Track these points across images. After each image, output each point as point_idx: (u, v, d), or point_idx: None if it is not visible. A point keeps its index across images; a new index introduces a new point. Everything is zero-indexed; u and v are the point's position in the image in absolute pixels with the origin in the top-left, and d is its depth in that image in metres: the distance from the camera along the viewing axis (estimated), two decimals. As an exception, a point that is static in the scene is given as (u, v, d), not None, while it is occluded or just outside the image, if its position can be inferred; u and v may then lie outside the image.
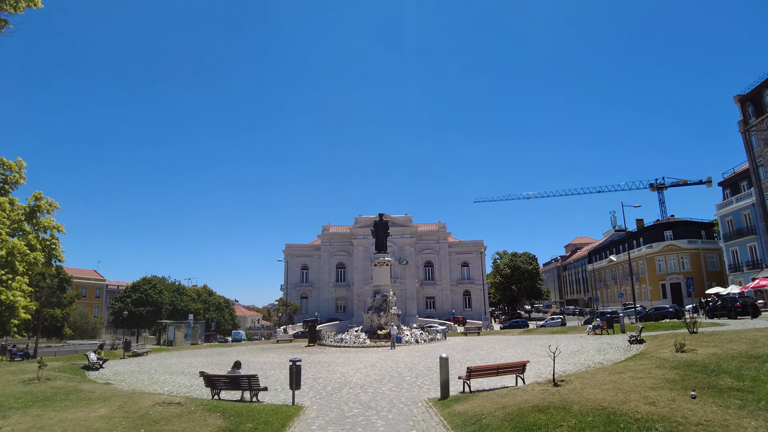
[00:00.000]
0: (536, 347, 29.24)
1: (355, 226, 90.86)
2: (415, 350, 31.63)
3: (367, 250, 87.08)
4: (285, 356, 31.73)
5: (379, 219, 43.96)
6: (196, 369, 25.51)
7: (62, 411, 12.93)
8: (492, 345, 32.84)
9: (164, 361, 30.71)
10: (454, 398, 13.64)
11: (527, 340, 35.26)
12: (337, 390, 17.00)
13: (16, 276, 9.53)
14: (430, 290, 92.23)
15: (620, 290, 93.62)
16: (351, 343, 36.66)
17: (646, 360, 16.62)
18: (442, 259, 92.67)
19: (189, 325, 63.54)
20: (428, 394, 15.44)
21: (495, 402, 12.14)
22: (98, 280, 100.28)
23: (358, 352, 32.47)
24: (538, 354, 25.35)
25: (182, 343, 58.01)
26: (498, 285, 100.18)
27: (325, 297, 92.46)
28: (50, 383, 17.62)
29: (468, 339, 40.99)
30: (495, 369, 15.54)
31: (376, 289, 42.14)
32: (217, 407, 13.02)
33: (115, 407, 12.92)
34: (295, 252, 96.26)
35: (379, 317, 39.88)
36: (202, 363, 28.79)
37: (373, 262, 43.02)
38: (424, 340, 37.06)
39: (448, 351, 29.47)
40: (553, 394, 12.00)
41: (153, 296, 67.13)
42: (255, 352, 36.38)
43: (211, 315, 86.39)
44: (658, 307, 53.63)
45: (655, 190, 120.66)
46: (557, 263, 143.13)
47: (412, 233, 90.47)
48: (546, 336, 38.63)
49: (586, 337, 33.81)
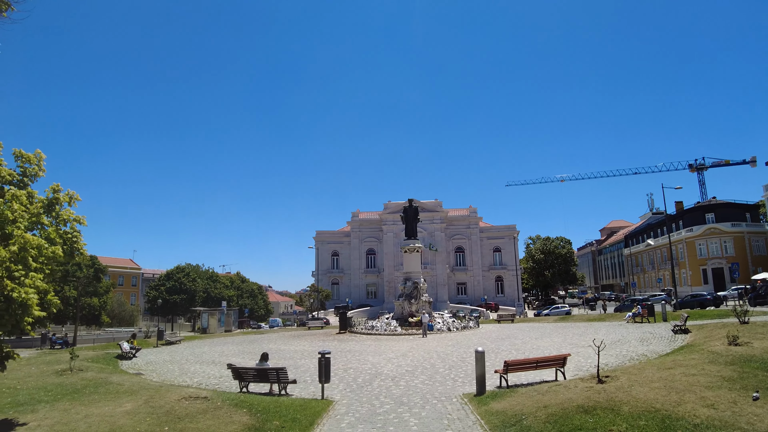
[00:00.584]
0: (573, 336, 28.20)
1: (385, 212, 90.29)
2: (448, 339, 30.95)
3: (397, 236, 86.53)
4: (316, 344, 31.51)
5: (408, 205, 43.15)
6: (227, 358, 25.46)
7: (89, 405, 12.75)
8: (527, 334, 31.88)
9: (196, 349, 30.85)
10: (490, 394, 12.90)
11: (563, 329, 34.17)
12: (367, 382, 16.47)
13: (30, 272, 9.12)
14: (462, 276, 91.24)
15: (658, 275, 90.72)
16: (382, 331, 36.24)
17: (697, 354, 15.51)
18: (473, 245, 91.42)
19: (222, 312, 64.30)
20: (463, 388, 14.74)
21: (536, 400, 11.36)
22: (134, 269, 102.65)
23: (390, 340, 32.00)
24: (576, 344, 24.38)
25: (216, 330, 58.75)
26: (531, 270, 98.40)
27: (355, 283, 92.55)
28: (81, 375, 17.64)
29: (501, 327, 40.08)
30: (534, 363, 14.73)
31: (406, 276, 41.52)
32: (244, 402, 12.62)
33: (141, 402, 12.66)
34: (325, 239, 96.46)
35: (410, 305, 39.30)
36: (233, 351, 28.79)
37: (403, 248, 42.36)
38: (456, 328, 36.33)
39: (481, 340, 28.76)
40: (599, 393, 11.14)
41: (186, 284, 68.07)
42: (286, 339, 36.32)
43: (244, 301, 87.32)
44: (695, 294, 51.56)
45: (695, 171, 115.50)
46: (592, 247, 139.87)
47: (443, 218, 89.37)
48: (583, 324, 37.42)
49: (626, 326, 32.52)
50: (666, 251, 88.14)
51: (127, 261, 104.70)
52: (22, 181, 11.59)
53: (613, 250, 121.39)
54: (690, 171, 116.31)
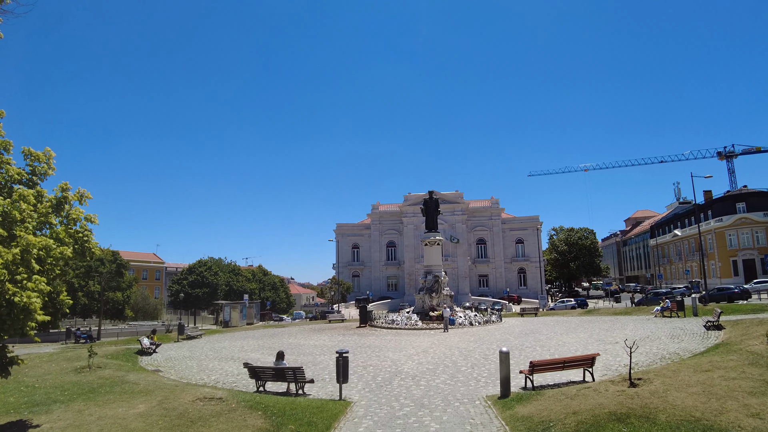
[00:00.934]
0: (600, 332, 27.34)
1: (405, 204, 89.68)
2: (470, 334, 30.33)
3: (417, 228, 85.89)
4: (336, 338, 31.21)
5: (428, 197, 42.43)
6: (246, 354, 25.28)
7: (103, 406, 12.53)
8: (551, 328, 31.08)
9: (216, 344, 30.79)
10: (515, 397, 12.31)
11: (589, 323, 33.26)
12: (387, 381, 16.00)
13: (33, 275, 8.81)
14: (483, 268, 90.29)
15: (686, 266, 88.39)
16: (402, 325, 35.78)
17: (735, 354, 14.64)
18: (495, 236, 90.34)
19: (244, 305, 64.54)
20: (486, 389, 14.17)
21: (564, 405, 10.74)
22: (158, 263, 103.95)
23: (410, 334, 31.52)
24: (603, 340, 23.58)
25: (238, 323, 59.01)
26: (554, 262, 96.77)
27: (376, 275, 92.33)
28: (99, 373, 17.53)
29: (525, 321, 39.29)
30: (561, 363, 14.07)
31: (427, 270, 40.92)
32: (260, 404, 12.25)
33: (155, 403, 12.39)
34: (345, 231, 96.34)
35: (430, 298, 38.74)
36: (252, 346, 28.64)
37: (424, 241, 41.74)
38: (478, 322, 35.66)
39: (504, 336, 28.08)
40: (632, 398, 10.47)
41: (208, 278, 68.53)
42: (306, 333, 36.12)
43: (266, 294, 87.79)
44: (721, 288, 49.93)
45: (724, 159, 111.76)
46: (616, 238, 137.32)
47: (464, 210, 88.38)
48: (609, 318, 36.44)
49: (655, 321, 31.48)
50: (694, 242, 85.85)
51: (151, 255, 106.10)
52: (31, 180, 11.32)
53: (639, 241, 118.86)
54: (719, 159, 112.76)
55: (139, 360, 23.64)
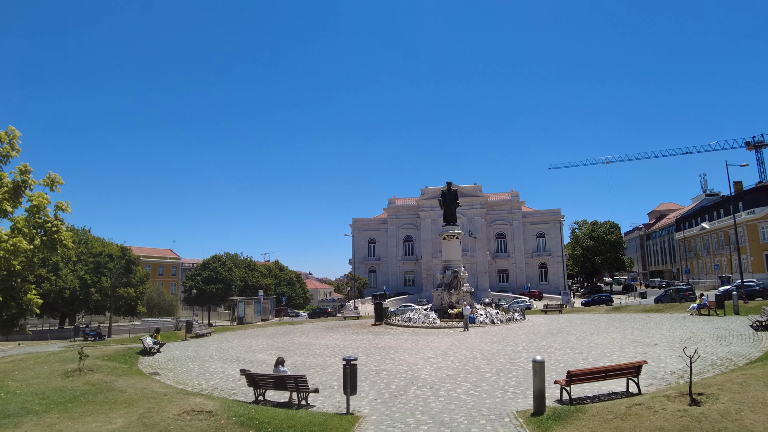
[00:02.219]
0: (633, 331, 25.22)
1: (422, 197, 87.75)
2: (492, 333, 28.40)
3: (434, 223, 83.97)
4: (349, 338, 29.56)
5: (447, 189, 40.40)
6: (253, 354, 23.78)
7: (78, 419, 10.99)
8: (580, 327, 29.00)
9: (224, 343, 29.36)
10: (552, 414, 10.43)
11: (619, 321, 31.11)
12: (402, 391, 14.24)
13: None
14: (503, 263, 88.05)
15: (714, 261, 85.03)
16: (420, 323, 33.98)
17: (808, 361, 12.59)
18: (515, 230, 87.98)
19: (259, 301, 63.46)
20: (515, 402, 12.32)
21: (614, 428, 8.88)
22: (174, 259, 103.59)
23: (428, 334, 29.70)
24: (638, 341, 21.52)
25: (253, 320, 57.93)
26: (578, 257, 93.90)
27: (393, 271, 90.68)
28: (88, 377, 16.08)
29: (549, 319, 37.19)
30: (602, 373, 12.16)
31: (445, 265, 39.00)
32: (253, 420, 10.59)
33: (136, 417, 10.81)
34: (361, 226, 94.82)
35: (449, 295, 36.83)
36: (262, 346, 27.13)
37: (442, 235, 39.80)
38: (500, 320, 33.66)
39: (529, 336, 26.11)
40: (698, 420, 8.57)
41: (222, 273, 67.47)
42: (319, 331, 34.57)
43: (282, 290, 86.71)
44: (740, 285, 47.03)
45: (753, 149, 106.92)
46: (640, 232, 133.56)
47: (483, 203, 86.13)
48: (641, 316, 34.19)
49: (692, 319, 29.21)
50: (723, 235, 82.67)
51: (167, 251, 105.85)
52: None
53: (663, 235, 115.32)
54: (747, 149, 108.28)
55: (139, 361, 22.24)
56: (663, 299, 47.72)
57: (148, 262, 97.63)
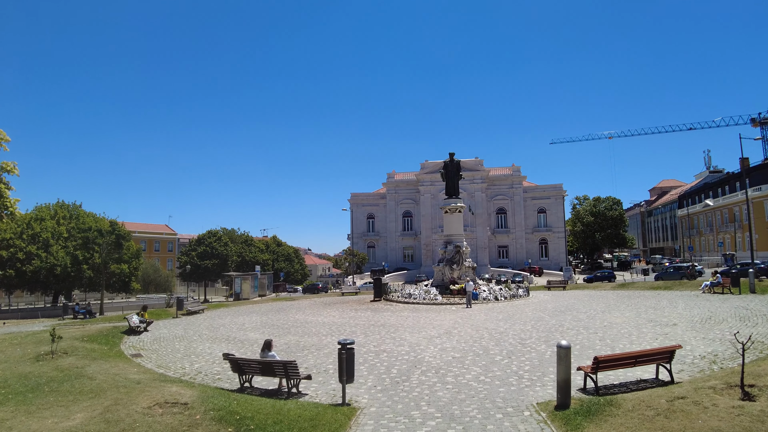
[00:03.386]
0: (647, 310, 23.89)
1: (422, 171, 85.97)
2: (496, 310, 27.08)
3: (434, 197, 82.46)
4: (348, 314, 28.24)
5: (449, 160, 38.65)
6: (245, 333, 22.43)
7: (34, 413, 9.56)
8: (588, 305, 27.68)
9: (216, 320, 28.04)
10: (579, 408, 8.99)
11: (628, 299, 29.81)
12: (404, 376, 12.84)
13: None
14: (503, 239, 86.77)
15: (717, 238, 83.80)
16: (420, 299, 32.67)
17: None
18: (516, 206, 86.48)
19: (256, 276, 62.24)
20: (533, 391, 10.88)
21: (658, 429, 7.45)
22: (170, 234, 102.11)
23: (429, 311, 28.39)
24: (655, 321, 20.16)
25: (249, 295, 56.88)
26: (579, 233, 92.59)
27: (392, 246, 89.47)
28: (59, 362, 14.66)
29: (554, 295, 35.92)
30: (633, 359, 10.70)
31: (447, 239, 37.52)
32: (234, 414, 9.16)
33: (99, 411, 9.37)
34: (360, 201, 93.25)
35: (451, 270, 35.45)
36: (255, 323, 25.78)
37: (444, 208, 38.22)
38: (504, 297, 32.33)
39: (536, 313, 24.73)
40: (760, 421, 7.15)
41: (218, 249, 65.94)
42: (316, 308, 33.28)
43: (279, 265, 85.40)
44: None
45: (758, 126, 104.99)
46: (641, 208, 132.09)
47: (483, 178, 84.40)
48: (649, 293, 32.91)
49: (707, 297, 27.85)
50: (727, 212, 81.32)
51: (163, 227, 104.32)
52: None
53: (665, 212, 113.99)
54: (752, 126, 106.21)
55: (123, 341, 20.84)
56: (663, 276, 46.48)
57: (144, 237, 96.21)
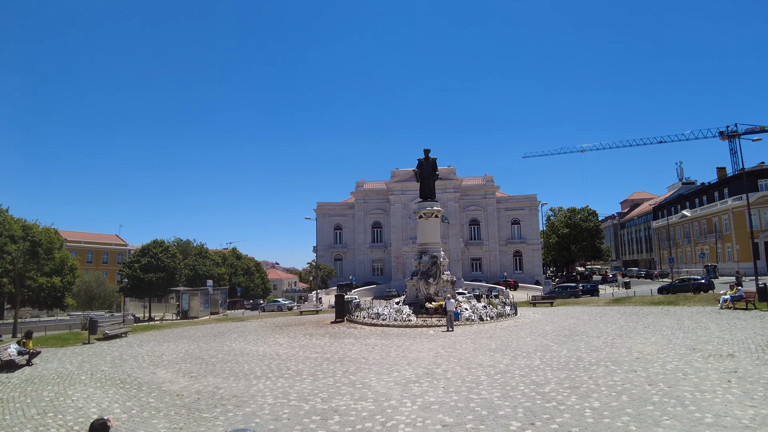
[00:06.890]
0: (674, 332, 19.10)
1: (392, 180, 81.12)
2: (484, 335, 21.90)
3: (405, 207, 77.68)
4: (299, 341, 22.60)
5: (424, 158, 33.48)
6: (156, 370, 16.63)
7: None
8: (593, 326, 22.81)
9: (131, 349, 22.07)
10: None
11: (637, 317, 25.15)
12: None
13: None
14: (476, 251, 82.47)
15: (696, 249, 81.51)
16: (391, 321, 27.31)
17: None
18: (489, 216, 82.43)
19: (207, 292, 55.70)
20: None
21: None
22: (120, 245, 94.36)
23: (402, 336, 22.97)
24: (699, 349, 15.22)
25: (199, 313, 50.54)
26: (554, 245, 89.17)
27: (360, 259, 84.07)
28: None
29: (545, 313, 31.13)
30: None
31: (422, 248, 32.27)
32: None
33: None
34: (327, 211, 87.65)
35: (427, 285, 30.18)
36: (177, 355, 19.95)
37: (418, 213, 32.99)
38: (489, 316, 27.16)
39: (537, 339, 19.50)
40: None
41: (165, 260, 59.22)
42: (263, 332, 27.56)
43: (238, 279, 79.01)
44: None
45: (726, 139, 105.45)
46: (614, 221, 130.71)
47: (456, 187, 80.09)
48: (656, 310, 28.38)
49: (734, 315, 23.30)
50: (706, 223, 79.17)
51: (113, 237, 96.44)
52: None
53: (639, 224, 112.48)
54: (721, 139, 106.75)
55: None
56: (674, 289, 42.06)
57: (90, 248, 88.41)
